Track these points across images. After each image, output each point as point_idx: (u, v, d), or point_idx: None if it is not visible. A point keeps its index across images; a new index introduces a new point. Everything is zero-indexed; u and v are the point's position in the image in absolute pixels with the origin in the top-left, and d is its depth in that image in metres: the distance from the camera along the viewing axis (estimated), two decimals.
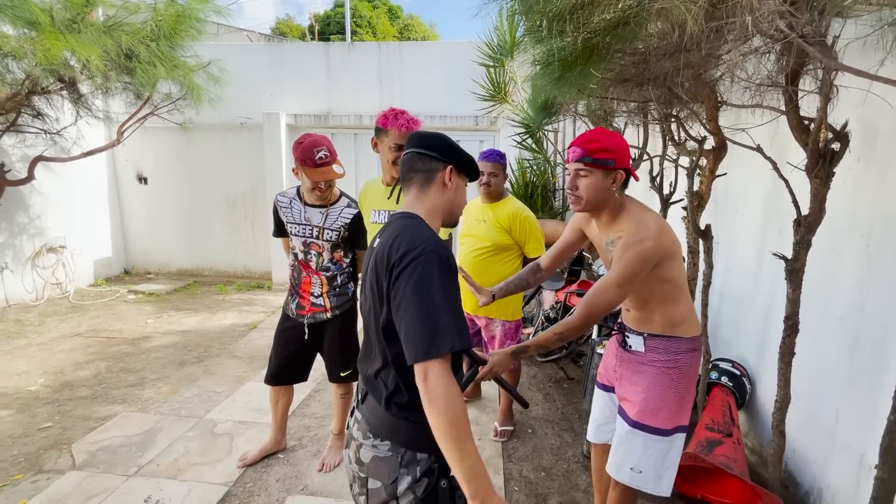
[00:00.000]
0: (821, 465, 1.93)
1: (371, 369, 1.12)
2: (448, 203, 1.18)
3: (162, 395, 3.07)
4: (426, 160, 1.15)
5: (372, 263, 1.10)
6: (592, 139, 1.40)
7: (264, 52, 6.07)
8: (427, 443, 1.02)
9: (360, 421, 1.14)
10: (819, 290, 1.96)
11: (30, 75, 3.76)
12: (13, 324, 4.36)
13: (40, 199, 5.16)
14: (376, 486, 1.07)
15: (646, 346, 1.53)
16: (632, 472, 1.55)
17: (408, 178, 1.17)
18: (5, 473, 2.26)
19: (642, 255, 1.35)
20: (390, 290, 1.00)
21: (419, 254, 0.97)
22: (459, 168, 1.17)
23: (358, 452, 1.12)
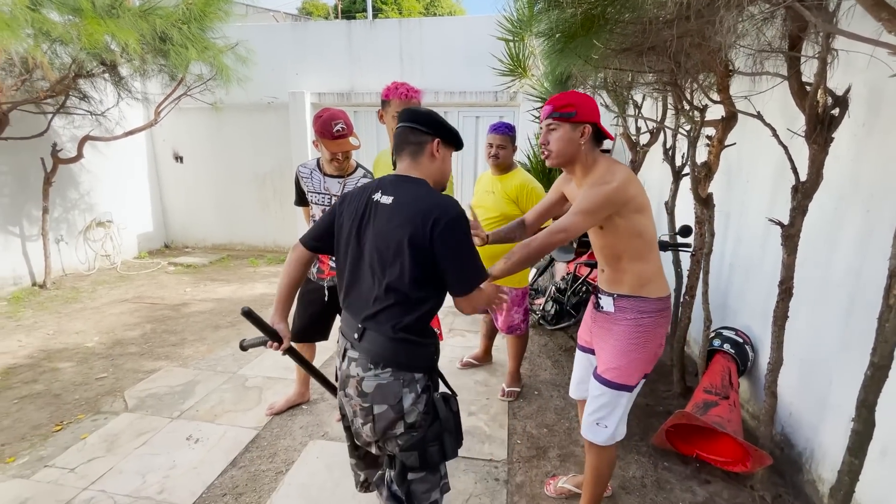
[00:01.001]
0: (814, 426, 1.99)
1: (373, 308, 1.25)
2: (437, 171, 1.34)
3: (200, 354, 3.37)
4: (416, 133, 1.30)
5: (398, 220, 1.21)
6: (558, 98, 1.51)
7: (289, 31, 6.21)
8: (422, 363, 1.29)
9: (359, 357, 1.27)
10: (819, 257, 1.98)
11: (75, 59, 4.04)
12: (70, 290, 4.80)
13: (89, 177, 5.57)
14: (382, 409, 1.24)
15: (615, 306, 1.60)
16: (598, 427, 1.64)
17: (400, 148, 1.32)
18: (70, 413, 2.59)
19: (604, 193, 1.43)
20: (433, 237, 1.18)
21: (455, 215, 1.20)
22: (445, 140, 1.33)
23: (360, 386, 1.26)
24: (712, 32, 1.72)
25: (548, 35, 1.91)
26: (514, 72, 5.02)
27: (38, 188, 4.77)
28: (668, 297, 1.61)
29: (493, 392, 2.85)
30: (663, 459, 2.24)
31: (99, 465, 2.15)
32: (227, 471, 2.13)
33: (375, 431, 1.26)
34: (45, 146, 4.71)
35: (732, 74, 2.08)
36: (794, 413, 2.12)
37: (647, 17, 1.66)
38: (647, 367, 1.61)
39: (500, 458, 2.24)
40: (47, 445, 2.30)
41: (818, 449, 1.95)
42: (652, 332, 1.57)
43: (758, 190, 2.55)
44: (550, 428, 2.50)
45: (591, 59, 1.95)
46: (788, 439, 2.15)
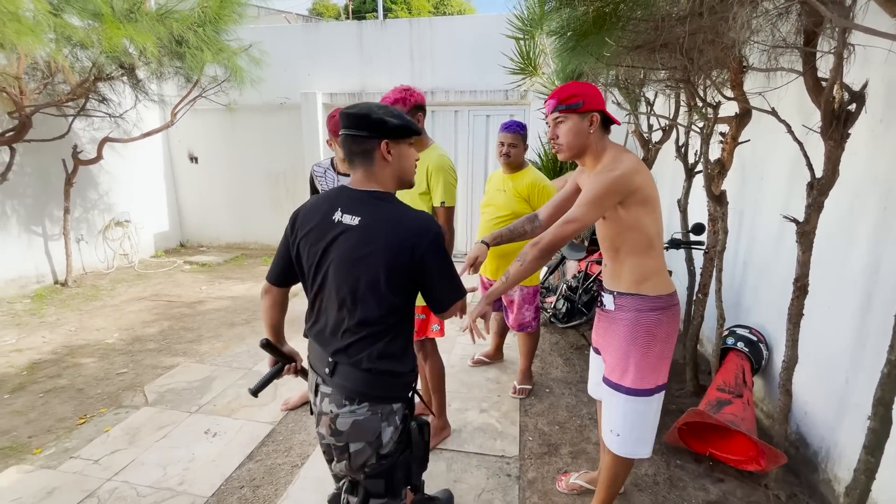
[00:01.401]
0: (830, 425, 1.97)
1: (343, 342, 1.16)
2: (396, 172, 1.21)
3: (216, 350, 3.44)
4: (359, 141, 1.16)
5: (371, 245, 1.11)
6: (561, 90, 1.49)
7: (301, 33, 6.28)
8: (401, 392, 1.22)
9: (332, 393, 1.17)
10: (836, 254, 1.96)
11: (95, 63, 4.14)
12: (90, 288, 4.93)
13: (107, 178, 5.70)
14: (359, 446, 1.16)
15: (615, 303, 1.56)
16: (611, 435, 1.60)
17: (350, 159, 1.20)
18: (93, 407, 2.67)
19: (610, 181, 1.39)
20: (418, 261, 1.12)
21: (433, 236, 1.15)
22: (394, 137, 1.17)
23: (333, 424, 1.16)
24: (726, 29, 1.71)
25: (560, 33, 1.91)
26: (525, 70, 5.01)
27: (60, 189, 4.90)
28: (669, 295, 1.53)
29: (504, 389, 2.87)
30: (676, 457, 2.24)
31: (121, 457, 2.22)
32: (245, 464, 2.18)
33: (351, 468, 1.19)
34: (66, 148, 4.83)
35: (746, 71, 2.06)
36: (810, 412, 2.10)
37: (660, 14, 1.66)
38: (654, 370, 1.52)
39: (512, 455, 2.26)
40: (72, 438, 2.38)
41: (834, 448, 1.93)
42: (653, 332, 1.50)
43: (772, 187, 2.53)
44: (562, 425, 2.51)
45: (602, 56, 1.95)
46: (803, 438, 2.13)
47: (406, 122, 1.19)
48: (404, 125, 1.18)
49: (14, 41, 3.08)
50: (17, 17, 3.09)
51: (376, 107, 1.17)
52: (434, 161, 2.07)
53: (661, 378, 1.56)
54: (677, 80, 2.35)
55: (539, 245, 1.46)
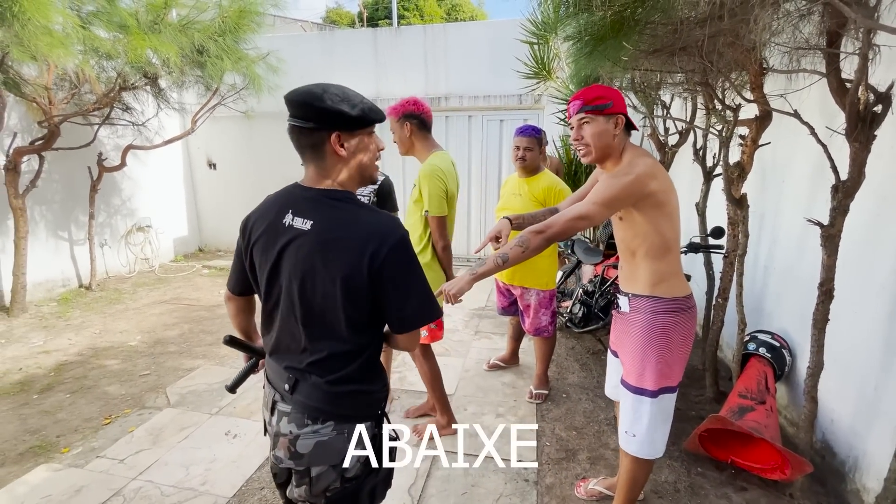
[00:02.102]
0: (857, 433, 1.92)
1: (303, 361, 1.04)
2: (354, 167, 1.04)
3: (234, 353, 3.48)
4: (306, 133, 1.00)
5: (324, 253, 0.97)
6: (587, 91, 1.50)
7: (317, 40, 6.39)
8: (369, 411, 1.09)
9: (292, 412, 1.04)
10: (862, 258, 1.92)
11: (120, 73, 4.27)
12: (113, 292, 5.06)
13: (130, 184, 5.86)
14: (322, 469, 1.04)
15: (630, 305, 1.57)
16: (627, 436, 1.62)
17: (301, 153, 1.04)
18: (117, 408, 2.74)
19: (622, 185, 1.40)
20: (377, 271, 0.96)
21: (395, 241, 0.98)
22: (347, 129, 1.00)
23: (293, 447, 1.03)
24: (746, 31, 1.70)
25: (576, 38, 1.92)
26: (539, 74, 5.02)
27: (86, 195, 5.05)
28: (685, 297, 1.54)
29: (520, 394, 2.86)
30: (697, 465, 2.20)
31: (146, 457, 2.27)
32: (264, 465, 2.21)
33: (312, 493, 1.06)
34: (91, 155, 4.98)
35: (766, 73, 2.04)
36: (836, 419, 2.05)
37: (679, 17, 1.65)
38: (669, 372, 1.54)
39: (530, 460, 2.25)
40: (98, 437, 2.44)
41: (862, 457, 1.88)
42: (669, 334, 1.51)
43: (794, 190, 2.49)
44: (579, 431, 2.49)
45: (620, 60, 1.95)
46: (830, 447, 2.08)
47: (362, 108, 0.99)
48: (359, 114, 0.99)
49: (45, 53, 3.20)
50: (49, 30, 3.20)
51: (324, 91, 0.97)
52: (424, 168, 2.10)
53: (675, 379, 1.58)
54: (695, 83, 2.33)
55: (545, 234, 1.43)
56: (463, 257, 6.38)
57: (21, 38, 3.06)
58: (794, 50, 1.70)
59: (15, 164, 4.10)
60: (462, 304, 4.26)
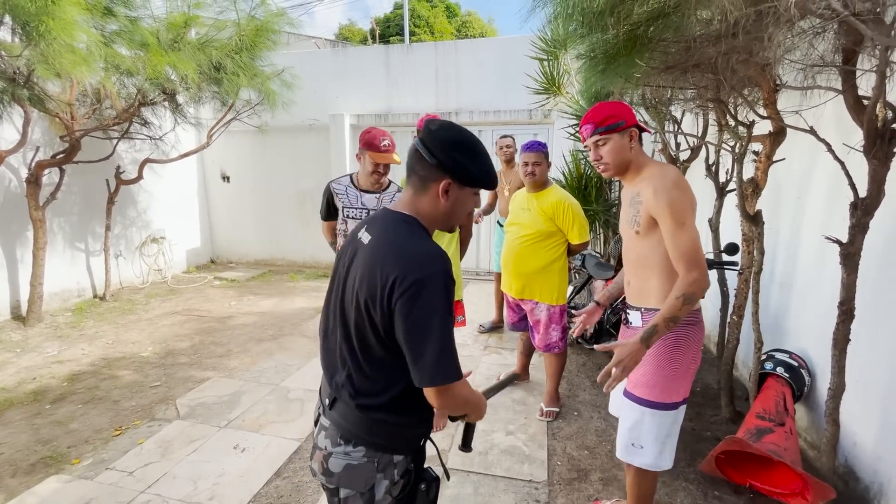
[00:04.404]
0: (882, 458, 1.85)
1: (342, 374, 1.04)
2: (444, 215, 1.04)
3: (244, 365, 3.50)
4: (424, 164, 1.01)
5: (361, 270, 0.97)
6: (596, 112, 1.52)
7: (330, 57, 6.52)
8: (404, 444, 1.05)
9: (329, 428, 1.05)
10: (882, 277, 1.88)
11: (140, 89, 4.39)
12: (126, 302, 5.12)
13: (146, 196, 5.97)
14: (349, 493, 1.03)
15: (642, 320, 1.57)
16: (633, 448, 1.61)
17: (409, 172, 1.05)
18: (128, 419, 2.75)
19: (681, 193, 1.42)
20: (391, 305, 0.92)
21: (426, 276, 0.91)
22: (462, 182, 1.01)
23: (326, 463, 1.04)
24: (760, 48, 1.70)
25: (589, 57, 1.93)
26: (549, 90, 5.05)
27: (103, 207, 5.16)
28: (696, 311, 1.55)
29: (531, 411, 2.81)
30: (713, 488, 2.14)
31: (154, 470, 2.26)
32: (272, 480, 2.20)
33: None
34: (109, 168, 5.10)
35: (780, 89, 2.03)
36: (860, 443, 1.99)
37: (692, 35, 1.66)
38: (679, 385, 1.55)
39: (541, 480, 2.20)
40: (108, 449, 2.45)
41: (888, 483, 1.82)
42: (682, 348, 1.53)
43: (810, 207, 2.45)
44: (591, 450, 2.44)
45: (632, 77, 1.96)
46: (853, 471, 2.01)
47: (484, 172, 1.02)
48: (479, 176, 1.01)
49: (69, 70, 3.31)
50: (73, 48, 3.31)
51: (465, 142, 1.01)
52: None
53: (685, 391, 1.59)
54: (708, 100, 2.33)
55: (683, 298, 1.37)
56: (472, 270, 6.37)
57: (46, 56, 3.17)
58: (808, 67, 1.70)
59: (37, 176, 4.21)
60: (471, 319, 4.24)
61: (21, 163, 4.39)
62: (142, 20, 4.14)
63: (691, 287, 1.38)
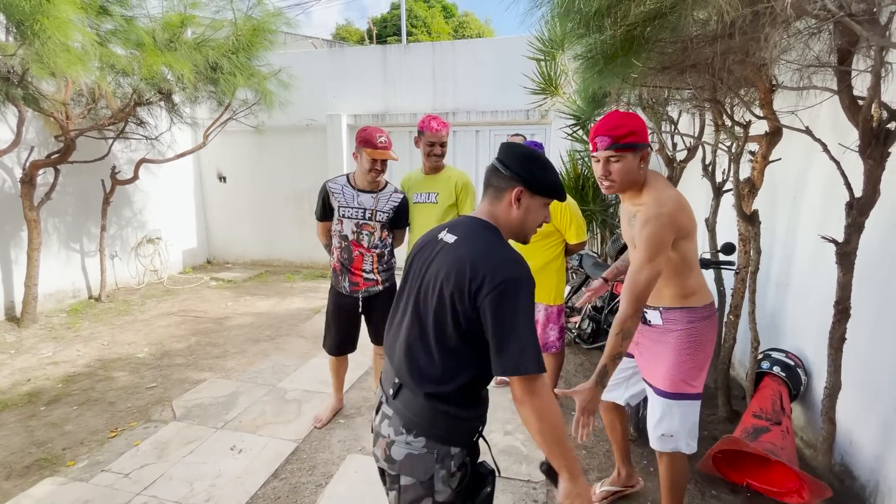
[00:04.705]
0: (879, 456, 1.86)
1: (409, 364, 1.10)
2: (517, 223, 1.14)
3: (241, 366, 3.49)
4: (499, 175, 1.13)
5: (446, 266, 1.06)
6: (617, 124, 1.45)
7: (327, 57, 6.51)
8: (462, 438, 1.12)
9: (392, 416, 1.12)
10: (877, 276, 1.89)
11: (136, 89, 4.37)
12: (122, 303, 5.09)
13: (141, 196, 5.94)
14: (409, 482, 1.09)
15: (663, 318, 1.64)
16: (664, 438, 1.68)
17: (485, 186, 1.17)
18: (123, 420, 2.73)
19: (661, 229, 1.42)
20: (479, 301, 1.01)
21: (515, 277, 1.01)
22: (533, 190, 1.12)
23: (388, 450, 1.10)
24: (756, 49, 1.71)
25: (586, 57, 1.94)
26: (546, 90, 5.07)
27: (98, 207, 5.12)
28: (712, 303, 1.65)
29: None
30: (711, 487, 2.14)
31: (150, 472, 2.25)
32: (269, 482, 2.19)
33: (400, 502, 1.13)
34: (105, 169, 5.07)
35: (776, 90, 2.04)
36: (856, 441, 2.00)
37: (689, 35, 1.67)
38: (699, 375, 1.65)
39: (539, 479, 2.20)
40: (104, 451, 2.43)
41: (884, 481, 1.83)
42: (704, 339, 1.62)
43: (806, 206, 2.47)
44: (589, 450, 2.44)
45: (629, 78, 1.97)
46: (849, 470, 2.02)
47: (553, 182, 1.13)
48: (548, 185, 1.13)
49: (64, 70, 3.28)
50: (68, 47, 3.29)
51: (536, 156, 1.14)
52: (463, 178, 2.54)
53: (704, 379, 1.69)
54: (704, 100, 2.34)
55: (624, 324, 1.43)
56: None
57: (41, 56, 3.14)
58: (804, 67, 1.71)
59: (31, 176, 4.18)
60: None
61: (15, 163, 4.36)
62: (137, 19, 4.12)
63: (627, 324, 1.43)
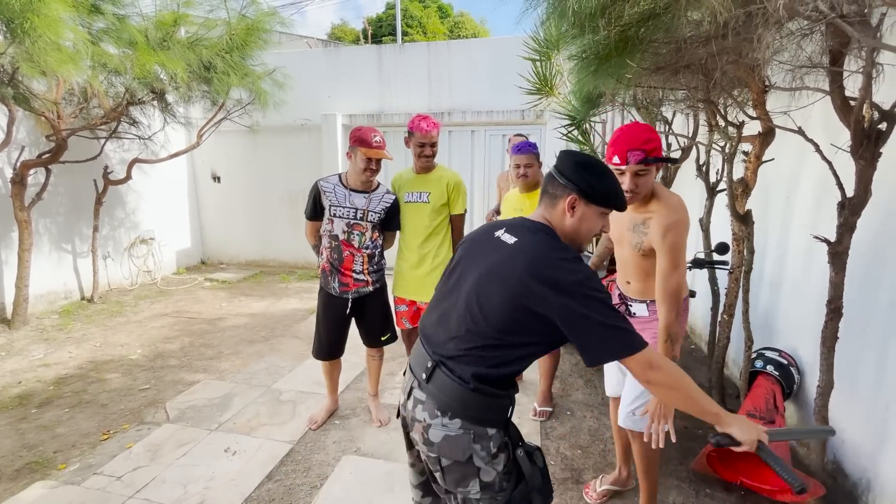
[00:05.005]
0: (871, 455, 1.88)
1: (454, 348, 1.12)
2: (571, 231, 1.14)
3: (235, 367, 3.47)
4: (555, 183, 1.14)
5: (508, 265, 1.08)
6: (648, 138, 1.50)
7: (322, 57, 6.49)
8: (496, 417, 1.13)
9: (426, 401, 1.13)
10: (869, 275, 1.90)
11: (128, 88, 4.33)
12: (114, 304, 5.05)
13: (134, 197, 5.89)
14: (450, 462, 1.12)
15: (649, 310, 1.73)
16: (635, 416, 1.76)
17: (542, 193, 1.19)
18: (116, 423, 2.71)
19: (680, 236, 1.53)
20: (547, 309, 1.02)
21: (581, 279, 1.02)
22: (588, 199, 1.11)
23: (426, 433, 1.12)
24: (749, 49, 1.71)
25: (580, 58, 1.94)
26: (541, 90, 5.07)
27: (90, 208, 5.08)
28: (687, 297, 1.76)
29: (524, 411, 2.81)
30: (705, 486, 2.15)
31: (143, 474, 2.23)
32: (264, 484, 2.17)
33: (447, 482, 1.15)
34: (97, 169, 5.02)
35: (769, 90, 2.05)
36: (848, 440, 2.01)
37: (683, 36, 1.67)
38: None
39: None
40: (96, 453, 2.40)
41: (876, 479, 1.84)
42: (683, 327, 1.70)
43: (799, 206, 2.48)
44: (584, 449, 2.44)
45: (624, 78, 1.97)
46: (842, 468, 2.03)
47: (610, 191, 1.12)
48: (605, 193, 1.12)
49: (55, 69, 3.25)
50: (59, 46, 3.26)
51: (594, 163, 1.14)
52: (455, 178, 2.54)
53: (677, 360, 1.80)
54: (698, 100, 2.35)
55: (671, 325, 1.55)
56: None
57: (31, 54, 3.11)
58: (797, 68, 1.72)
59: (22, 176, 4.13)
60: None
61: (6, 163, 4.30)
62: (130, 18, 4.08)
63: (673, 328, 1.55)
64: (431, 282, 2.51)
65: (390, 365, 3.39)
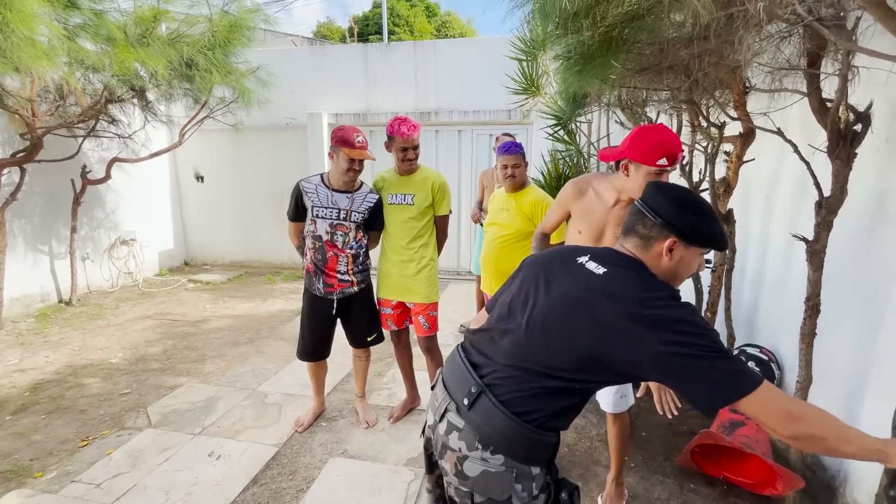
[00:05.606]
0: None
1: (504, 373, 1.01)
2: (667, 274, 1.02)
3: (220, 370, 3.41)
4: (647, 223, 1.02)
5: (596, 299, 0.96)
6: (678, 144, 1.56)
7: (308, 55, 6.42)
8: (542, 458, 1.03)
9: (464, 429, 1.02)
10: (846, 272, 1.95)
11: (107, 86, 4.23)
12: (94, 307, 4.92)
13: (115, 197, 5.75)
14: (483, 500, 1.02)
15: None
16: (622, 400, 1.89)
17: (628, 230, 1.07)
18: (95, 429, 2.64)
19: None
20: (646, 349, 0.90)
21: (682, 317, 0.91)
22: (689, 241, 1.00)
23: (460, 465, 1.01)
24: (730, 51, 1.74)
25: (566, 58, 1.95)
26: (528, 90, 5.09)
27: (68, 208, 4.94)
28: None
29: None
30: (689, 481, 2.19)
31: (124, 481, 2.18)
32: (249, 488, 2.14)
33: None
34: (75, 168, 4.89)
35: (749, 91, 2.09)
36: None
37: (665, 37, 1.69)
38: None
39: None
40: (74, 461, 2.34)
41: (852, 472, 1.89)
42: None
43: (779, 205, 2.54)
44: (571, 448, 2.46)
45: (608, 78, 1.99)
46: (820, 461, 2.08)
47: (715, 232, 1.01)
48: (709, 237, 1.01)
49: (29, 65, 3.15)
50: (33, 42, 3.16)
51: (697, 203, 1.02)
52: (439, 179, 2.52)
53: None
54: (681, 101, 2.39)
55: None
56: (453, 270, 6.36)
57: (4, 50, 3.01)
58: (776, 70, 1.75)
59: None
60: (450, 319, 4.24)
61: None
62: (108, 13, 3.98)
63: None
64: (419, 283, 2.50)
65: (377, 366, 3.37)
